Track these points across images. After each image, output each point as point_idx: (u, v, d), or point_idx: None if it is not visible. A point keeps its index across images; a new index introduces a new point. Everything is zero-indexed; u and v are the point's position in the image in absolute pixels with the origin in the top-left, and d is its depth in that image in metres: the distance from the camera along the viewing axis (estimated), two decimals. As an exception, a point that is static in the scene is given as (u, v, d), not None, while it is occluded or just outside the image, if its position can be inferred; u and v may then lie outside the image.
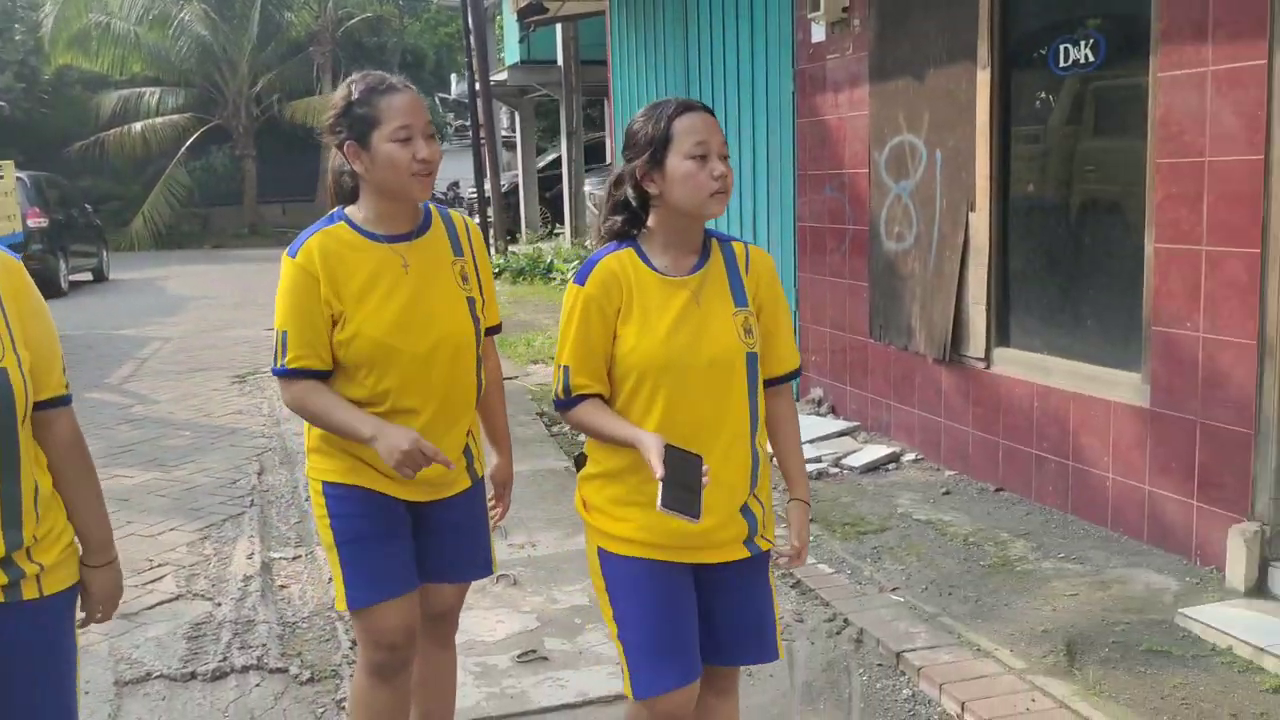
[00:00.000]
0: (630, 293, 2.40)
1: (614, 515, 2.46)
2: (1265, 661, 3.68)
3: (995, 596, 4.39)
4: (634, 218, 2.44)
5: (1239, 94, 4.14)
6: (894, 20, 6.20)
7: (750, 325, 2.47)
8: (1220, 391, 4.32)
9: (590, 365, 2.41)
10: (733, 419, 2.45)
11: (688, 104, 2.41)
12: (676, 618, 2.45)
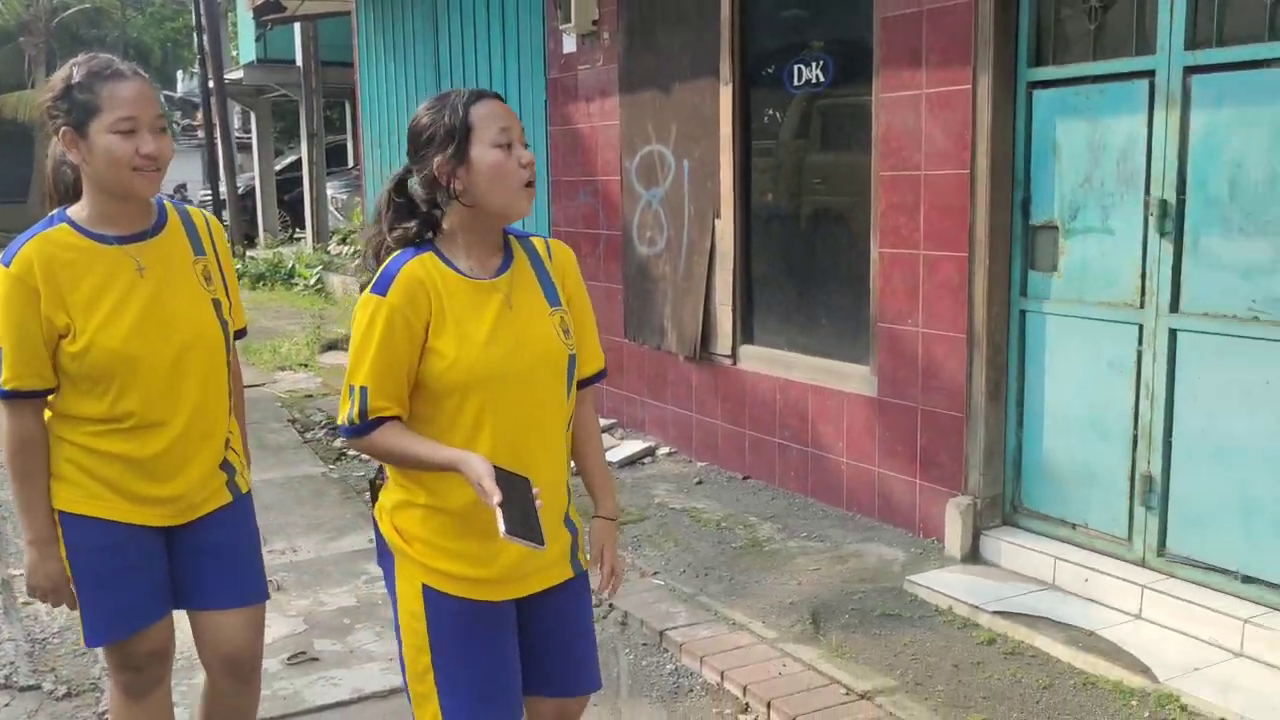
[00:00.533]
0: (439, 301, 2.17)
1: (446, 550, 2.23)
2: (980, 618, 4.15)
3: (747, 575, 4.72)
4: (428, 221, 2.22)
5: (948, 114, 4.64)
6: (641, 35, 6.51)
7: (567, 325, 2.32)
8: (937, 380, 4.82)
9: (391, 385, 2.16)
10: (555, 428, 2.32)
11: (480, 92, 2.22)
12: (501, 663, 2.29)
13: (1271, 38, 3.65)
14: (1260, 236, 3.73)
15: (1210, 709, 3.40)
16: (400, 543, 2.26)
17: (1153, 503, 4.14)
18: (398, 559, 2.28)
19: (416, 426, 2.21)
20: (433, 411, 2.21)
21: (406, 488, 2.25)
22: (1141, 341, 4.12)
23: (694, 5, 6.05)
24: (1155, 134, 4.01)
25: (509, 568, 2.26)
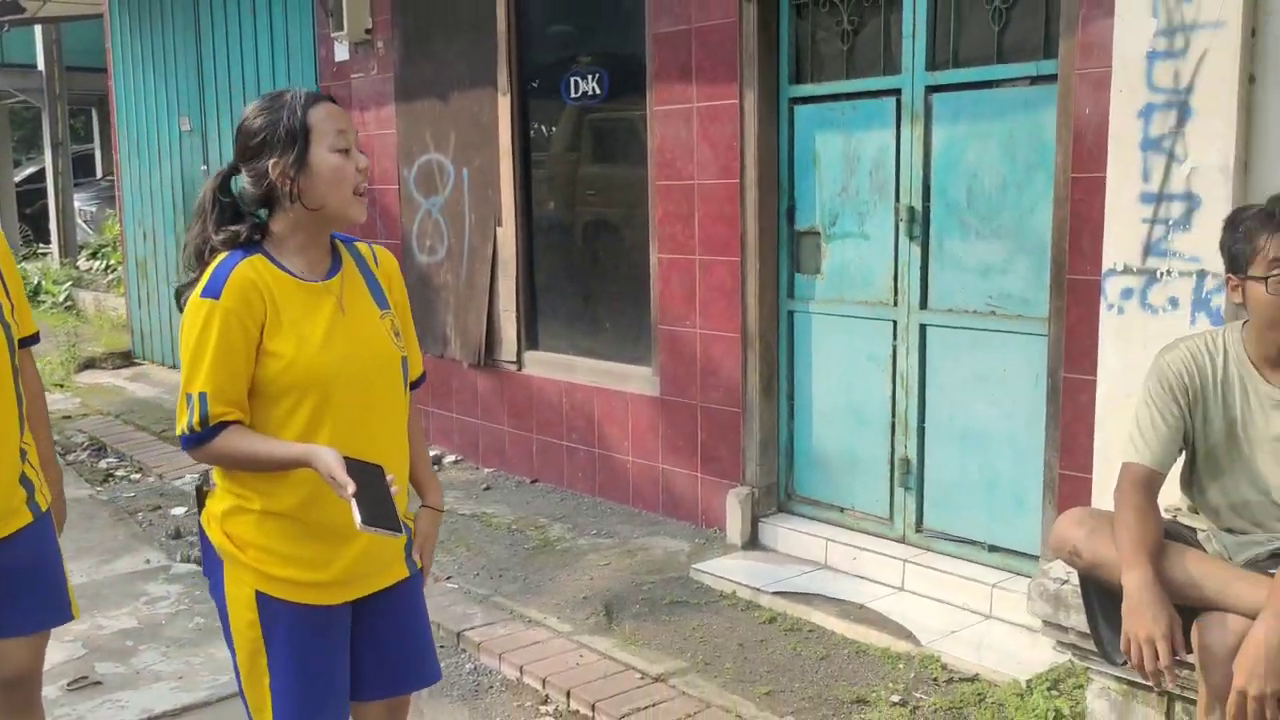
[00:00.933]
0: (273, 303, 2.14)
1: (281, 555, 2.21)
2: (761, 600, 4.42)
3: (540, 574, 4.84)
4: (257, 223, 2.19)
5: (718, 127, 4.92)
6: (417, 44, 6.53)
7: (397, 328, 2.33)
8: (715, 378, 5.09)
9: (232, 389, 2.12)
10: (395, 429, 2.33)
11: (315, 94, 2.21)
12: (335, 668, 2.30)
13: (1000, 60, 4.08)
14: (994, 239, 4.15)
15: (966, 665, 3.76)
16: (233, 549, 2.22)
17: (910, 484, 4.52)
18: (229, 566, 2.24)
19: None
20: (266, 414, 2.18)
21: (238, 493, 2.22)
22: (896, 337, 4.50)
23: (470, 16, 6.14)
24: (903, 147, 4.39)
25: (346, 570, 2.25)
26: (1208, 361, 2.61)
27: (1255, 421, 2.57)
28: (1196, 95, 3.21)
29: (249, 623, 2.22)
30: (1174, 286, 3.30)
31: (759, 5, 4.70)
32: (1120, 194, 3.40)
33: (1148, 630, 2.36)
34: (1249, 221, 2.51)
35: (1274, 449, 2.55)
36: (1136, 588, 2.41)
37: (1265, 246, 2.44)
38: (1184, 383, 2.61)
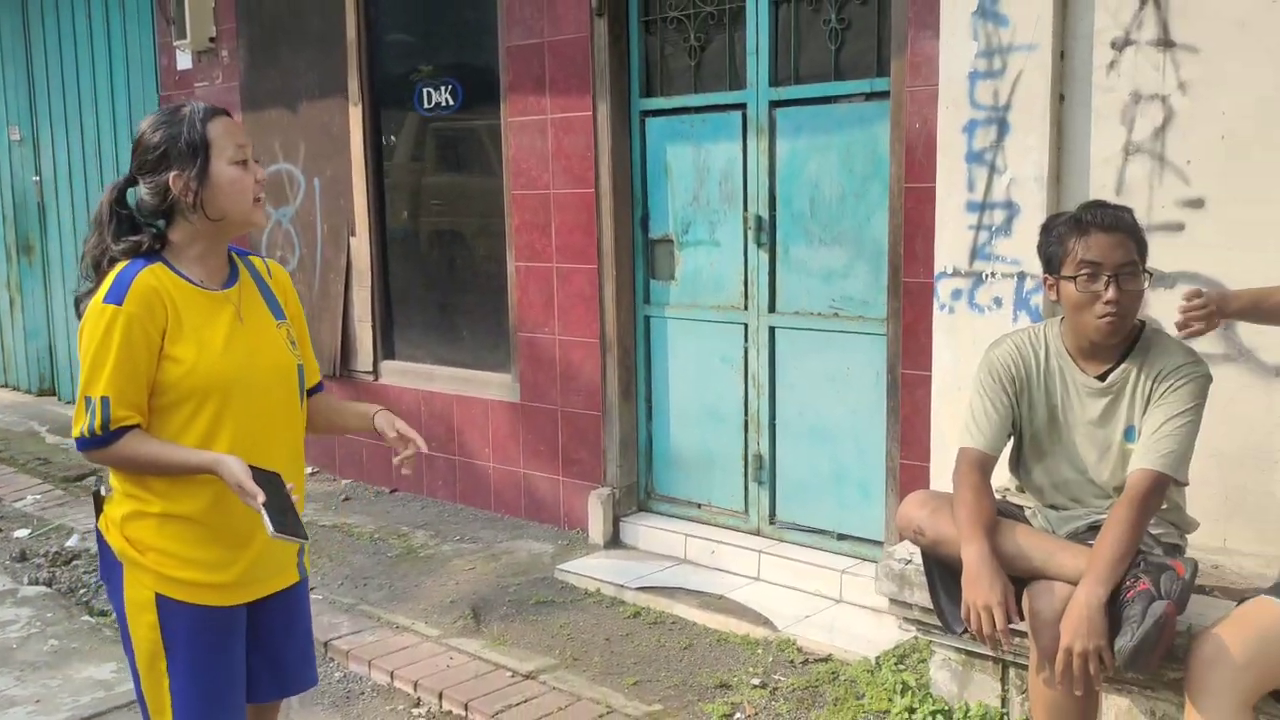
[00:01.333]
0: (175, 309, 2.20)
1: (182, 558, 2.25)
2: (625, 596, 4.57)
3: (405, 580, 4.88)
4: (157, 233, 2.25)
5: (573, 138, 5.06)
6: (264, 53, 6.47)
7: (293, 337, 2.42)
8: (575, 383, 5.22)
9: (132, 393, 2.17)
10: (291, 434, 2.40)
11: (212, 108, 2.28)
12: (233, 667, 2.35)
13: (837, 78, 4.34)
14: (836, 245, 4.41)
15: (820, 647, 3.99)
16: (133, 553, 2.25)
17: (763, 479, 4.75)
18: (128, 570, 2.27)
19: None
20: (166, 420, 2.22)
21: (139, 497, 2.25)
22: (747, 339, 4.72)
23: (319, 26, 6.12)
24: (749, 158, 4.61)
25: (245, 572, 2.31)
26: (1031, 354, 2.88)
27: (1073, 407, 2.85)
28: (1014, 112, 3.51)
29: (149, 625, 2.25)
30: (998, 287, 3.59)
31: (610, 20, 4.86)
32: (948, 203, 3.68)
33: (985, 598, 2.60)
34: (1060, 227, 2.78)
35: (1089, 432, 2.83)
36: (974, 560, 2.65)
37: (1074, 249, 2.71)
38: (1011, 373, 2.87)
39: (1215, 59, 3.21)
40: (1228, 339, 3.24)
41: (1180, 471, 2.68)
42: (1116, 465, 2.81)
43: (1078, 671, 2.49)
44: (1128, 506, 2.60)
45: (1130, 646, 2.44)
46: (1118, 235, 2.67)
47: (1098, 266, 2.66)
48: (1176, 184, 3.30)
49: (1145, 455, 2.67)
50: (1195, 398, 2.71)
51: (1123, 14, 3.34)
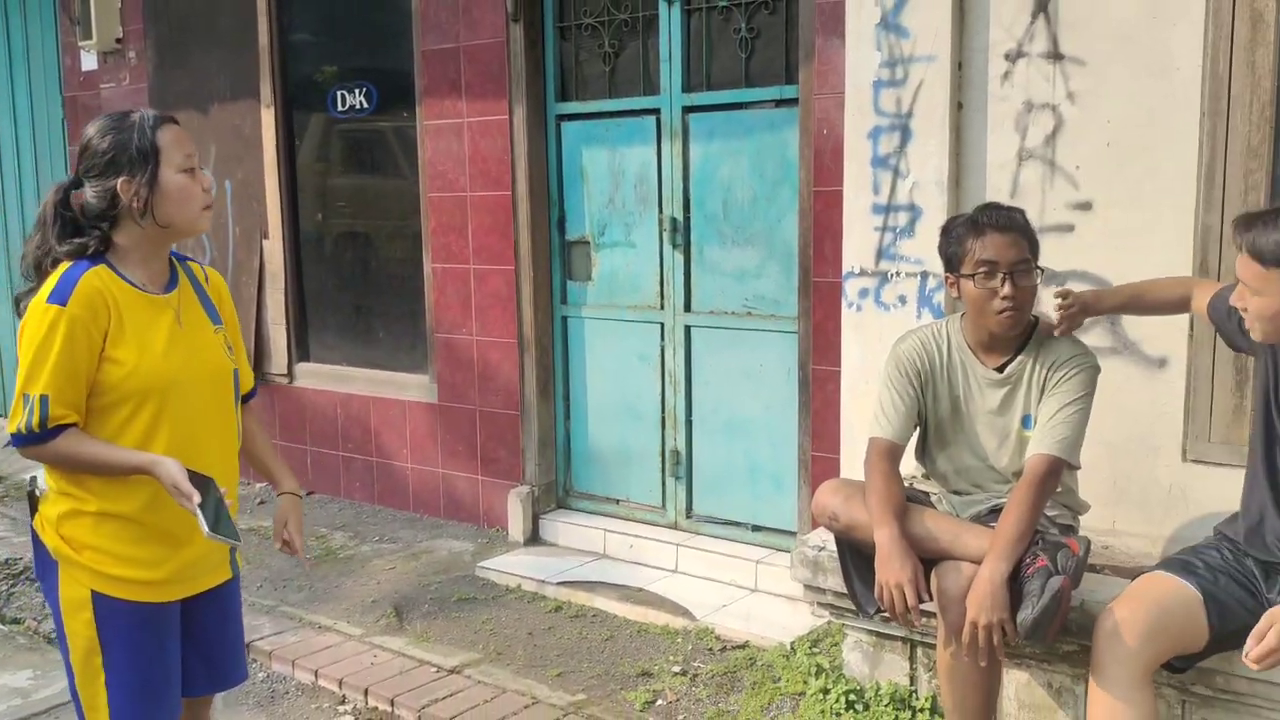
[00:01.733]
0: (118, 311, 2.25)
1: (118, 555, 2.29)
2: (546, 590, 4.66)
3: (326, 582, 4.90)
4: (102, 236, 2.28)
5: (490, 141, 5.13)
6: (173, 55, 6.40)
7: (229, 343, 2.47)
8: (493, 383, 5.29)
9: (72, 392, 2.21)
10: (226, 437, 2.45)
11: (161, 116, 2.33)
12: (168, 662, 2.39)
13: (748, 85, 4.49)
14: (748, 246, 4.56)
15: (737, 635, 4.13)
16: (69, 551, 2.29)
17: (680, 474, 4.88)
18: (63, 568, 2.30)
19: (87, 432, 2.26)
20: (104, 420, 2.26)
21: (75, 496, 2.28)
22: (663, 338, 4.85)
23: (230, 29, 6.08)
24: (664, 162, 4.74)
25: (178, 569, 2.35)
26: (935, 349, 3.05)
27: (974, 398, 3.03)
28: (915, 119, 3.69)
29: (85, 622, 2.29)
30: (902, 286, 3.77)
31: (525, 26, 4.94)
32: (855, 205, 3.84)
33: (897, 577, 2.75)
34: (958, 229, 2.96)
35: (989, 421, 3.01)
36: (886, 542, 2.80)
37: (972, 249, 2.89)
38: (917, 367, 3.04)
39: (1101, 71, 3.42)
40: (1115, 334, 3.45)
41: (1074, 456, 2.87)
42: (1015, 451, 2.99)
43: (983, 643, 2.65)
44: (1026, 489, 2.78)
45: (1031, 619, 2.62)
46: (1011, 235, 2.85)
47: (994, 265, 2.84)
48: (1066, 188, 3.50)
49: (1042, 441, 2.86)
50: (1086, 387, 2.90)
51: (1015, 28, 3.54)
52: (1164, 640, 2.58)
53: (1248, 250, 2.42)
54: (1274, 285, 2.38)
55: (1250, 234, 2.41)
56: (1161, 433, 3.42)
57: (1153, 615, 2.57)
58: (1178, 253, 3.32)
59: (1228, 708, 2.89)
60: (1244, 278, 2.45)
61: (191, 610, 2.45)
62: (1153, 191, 3.35)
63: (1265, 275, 2.39)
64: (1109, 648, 2.56)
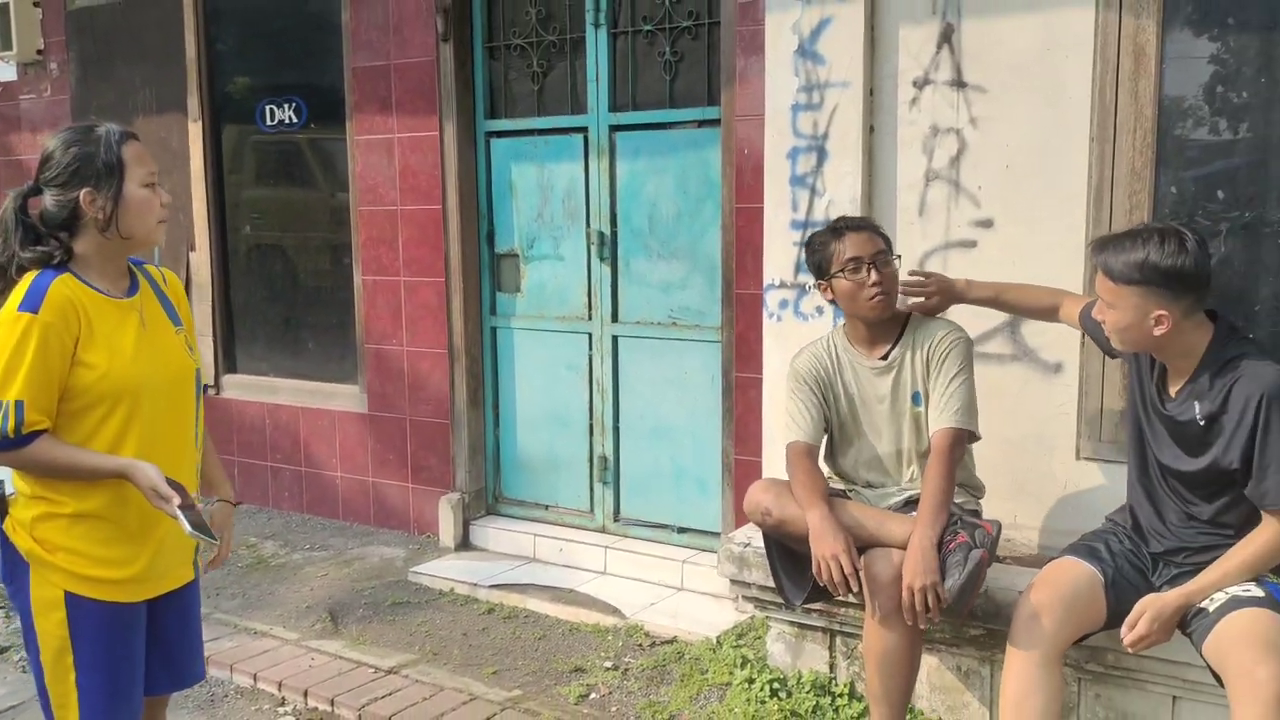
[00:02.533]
0: (87, 317, 2.31)
1: (92, 556, 2.37)
2: (479, 594, 4.79)
3: (259, 589, 4.97)
4: (65, 244, 2.36)
5: (420, 157, 5.26)
6: (98, 68, 6.40)
7: (190, 343, 2.56)
8: (424, 393, 5.41)
9: (45, 398, 2.27)
10: (190, 436, 2.54)
11: (125, 131, 2.40)
12: (135, 661, 2.47)
13: (672, 105, 4.70)
14: (673, 260, 4.76)
15: (666, 631, 4.32)
16: (42, 553, 2.35)
17: (608, 479, 5.06)
18: (35, 569, 2.37)
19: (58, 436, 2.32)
20: (76, 424, 2.33)
21: (50, 499, 2.35)
22: (591, 347, 5.02)
23: (157, 43, 6.12)
24: (591, 178, 4.92)
25: (147, 567, 2.44)
26: (825, 356, 3.34)
27: (867, 390, 3.29)
28: (831, 141, 3.93)
29: (57, 622, 2.36)
30: (819, 298, 3.97)
31: (455, 46, 5.09)
32: (775, 221, 4.07)
33: (832, 549, 2.97)
34: (820, 239, 3.27)
35: (884, 408, 3.28)
36: (818, 520, 3.03)
37: (838, 250, 3.20)
38: (814, 376, 3.31)
39: (1000, 98, 3.69)
40: (1014, 341, 3.72)
41: (971, 423, 3.17)
42: (912, 430, 3.27)
43: (919, 605, 2.88)
44: (937, 460, 3.07)
45: (957, 586, 2.86)
46: (865, 232, 3.23)
47: (859, 259, 3.17)
48: (970, 207, 3.77)
49: (940, 417, 3.15)
50: (964, 359, 3.22)
51: (922, 57, 3.80)
52: (1076, 621, 2.81)
53: (1102, 269, 2.70)
54: (1125, 300, 2.65)
55: (1104, 255, 2.69)
56: (1057, 432, 3.69)
57: (1067, 598, 2.79)
58: (1070, 267, 3.60)
59: (1118, 683, 3.16)
60: (1100, 294, 2.73)
61: (155, 611, 2.53)
62: (1047, 210, 3.63)
63: (1117, 291, 2.66)
64: (1028, 629, 2.77)
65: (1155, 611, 2.66)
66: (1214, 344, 2.70)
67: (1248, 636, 2.52)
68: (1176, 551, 2.85)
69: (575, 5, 4.88)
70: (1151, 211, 3.50)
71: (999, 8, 3.64)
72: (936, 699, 3.48)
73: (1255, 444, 2.61)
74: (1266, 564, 2.70)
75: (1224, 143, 3.44)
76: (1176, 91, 3.47)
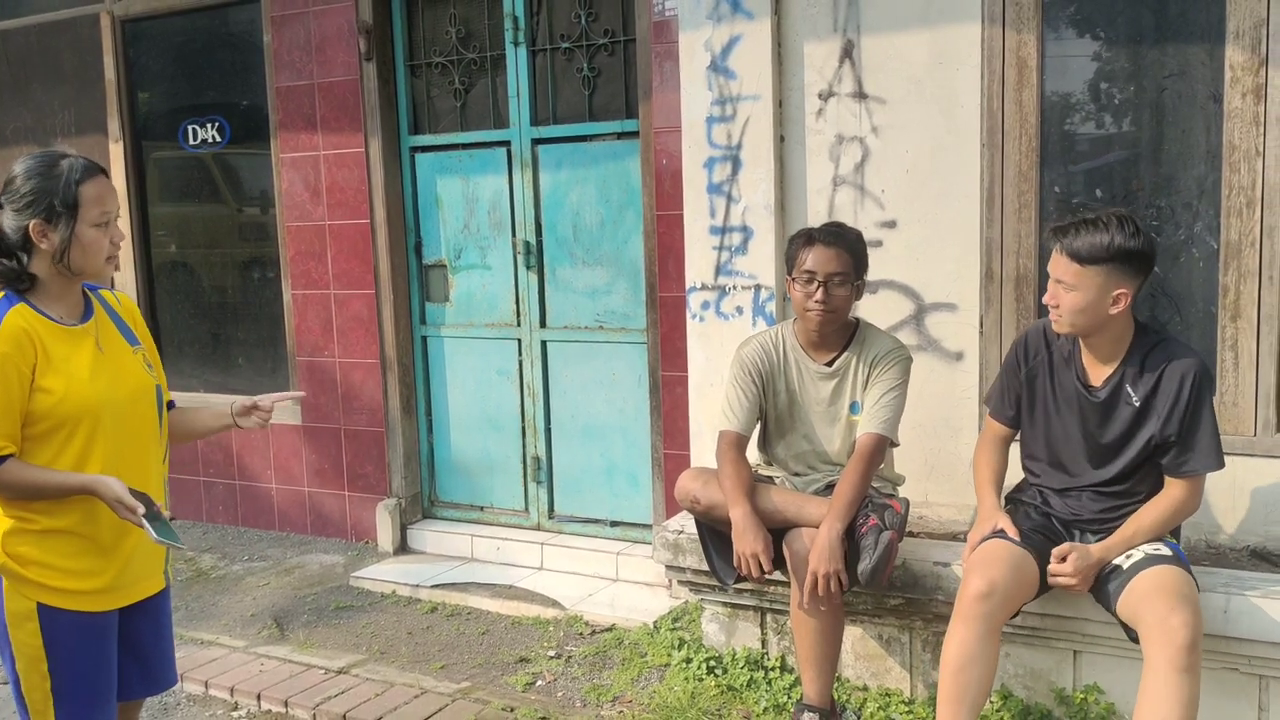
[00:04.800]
0: (42, 345, 2.40)
1: (63, 569, 2.45)
2: (420, 594, 4.95)
3: (201, 601, 5.06)
4: (20, 270, 2.44)
5: (346, 173, 5.40)
6: (13, 90, 6.40)
7: (149, 361, 2.64)
8: (357, 402, 5.55)
9: (8, 425, 2.36)
10: (156, 452, 2.63)
11: (90, 166, 2.46)
12: (108, 667, 2.55)
13: (591, 119, 4.92)
14: (598, 266, 4.98)
15: (604, 620, 4.53)
16: (15, 567, 2.44)
17: (541, 478, 5.25)
18: (9, 583, 2.46)
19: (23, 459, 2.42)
20: (40, 447, 2.43)
21: (21, 516, 2.45)
22: (521, 353, 5.22)
23: (74, 65, 6.14)
24: (516, 190, 5.12)
25: (116, 577, 2.53)
26: (773, 350, 3.54)
27: (808, 390, 3.52)
28: (744, 151, 4.18)
29: (30, 632, 2.46)
30: (739, 298, 4.25)
31: (378, 64, 5.24)
32: (694, 227, 4.31)
33: (751, 547, 3.21)
34: (798, 239, 3.46)
35: (822, 410, 3.51)
36: (740, 518, 3.26)
37: (801, 258, 3.40)
38: (758, 367, 3.51)
39: (899, 108, 3.99)
40: (920, 333, 4.02)
41: (894, 433, 3.41)
42: (845, 435, 3.50)
43: (821, 590, 3.14)
44: (857, 462, 3.30)
45: (869, 567, 3.12)
46: (834, 249, 3.36)
47: (813, 274, 3.36)
48: (874, 209, 4.06)
49: (868, 422, 3.38)
50: (902, 375, 3.44)
51: (826, 71, 4.08)
52: (1016, 596, 3.03)
53: (1067, 253, 2.91)
54: (1088, 280, 2.89)
55: (1067, 238, 2.91)
56: (961, 415, 4.00)
57: (1007, 578, 2.98)
58: (967, 262, 3.92)
59: (1025, 641, 3.46)
60: (1061, 276, 2.94)
61: (127, 619, 2.62)
62: (945, 211, 3.94)
63: (1081, 272, 2.89)
64: (972, 607, 2.94)
65: (1081, 554, 2.95)
66: (1138, 334, 3.00)
67: (1162, 590, 2.81)
68: (1090, 521, 3.14)
69: (494, 24, 5.08)
70: (1038, 210, 3.83)
71: (894, 24, 3.94)
72: (861, 666, 3.75)
73: (1185, 419, 2.92)
74: (1171, 524, 3.03)
75: (1100, 144, 3.78)
76: (1056, 99, 3.80)
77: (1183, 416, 2.94)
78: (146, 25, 5.99)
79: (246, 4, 5.63)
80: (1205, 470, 2.96)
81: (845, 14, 4.02)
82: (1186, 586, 2.84)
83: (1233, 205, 3.54)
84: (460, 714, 3.81)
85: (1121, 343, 3.01)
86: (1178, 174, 3.67)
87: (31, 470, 2.40)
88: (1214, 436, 2.95)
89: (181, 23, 5.89)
